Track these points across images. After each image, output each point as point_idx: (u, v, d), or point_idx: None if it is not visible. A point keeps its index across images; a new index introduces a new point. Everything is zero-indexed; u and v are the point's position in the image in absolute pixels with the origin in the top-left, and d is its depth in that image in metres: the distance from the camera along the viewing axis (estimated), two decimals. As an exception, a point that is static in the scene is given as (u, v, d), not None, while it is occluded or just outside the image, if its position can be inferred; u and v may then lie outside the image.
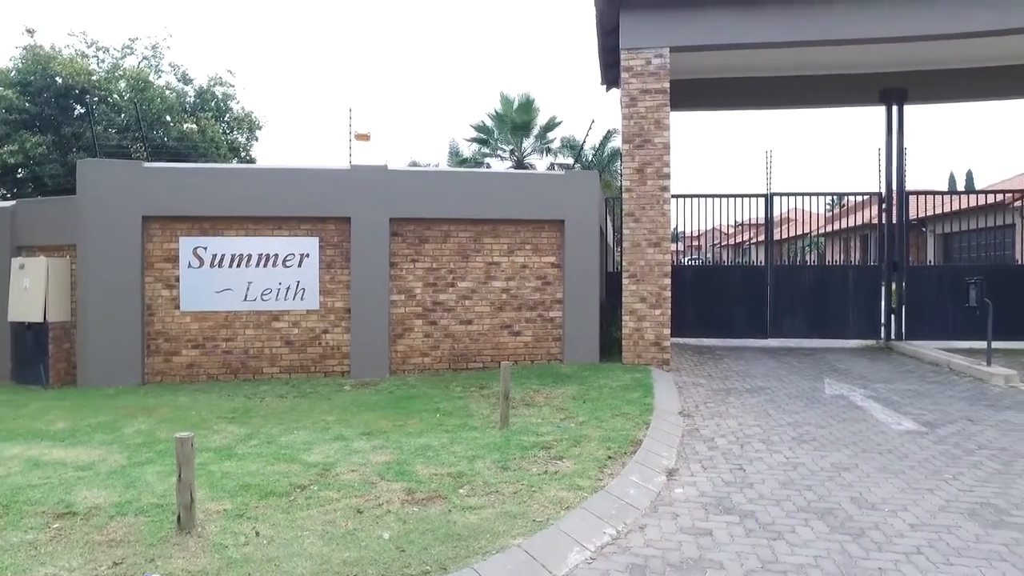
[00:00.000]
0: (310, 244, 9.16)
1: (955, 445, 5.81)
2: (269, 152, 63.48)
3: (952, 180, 44.36)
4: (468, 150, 19.75)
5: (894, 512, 4.28)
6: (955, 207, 17.19)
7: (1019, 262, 14.94)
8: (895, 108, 12.26)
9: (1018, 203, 15.21)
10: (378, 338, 9.14)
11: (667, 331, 9.46)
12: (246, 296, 9.03)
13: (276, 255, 9.08)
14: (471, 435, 5.82)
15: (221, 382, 8.90)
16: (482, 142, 19.52)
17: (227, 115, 23.98)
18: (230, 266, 9.00)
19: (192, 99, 22.43)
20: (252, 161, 24.58)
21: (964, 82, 12.14)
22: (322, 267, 9.17)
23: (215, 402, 7.61)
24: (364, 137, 10.91)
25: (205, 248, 8.97)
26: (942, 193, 15.10)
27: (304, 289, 9.13)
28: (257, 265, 9.04)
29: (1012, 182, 21.53)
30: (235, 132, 24.67)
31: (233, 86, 24.90)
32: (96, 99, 17.45)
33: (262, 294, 9.05)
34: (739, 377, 9.12)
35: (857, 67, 11.79)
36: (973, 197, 16.78)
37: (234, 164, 19.16)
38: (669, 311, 9.49)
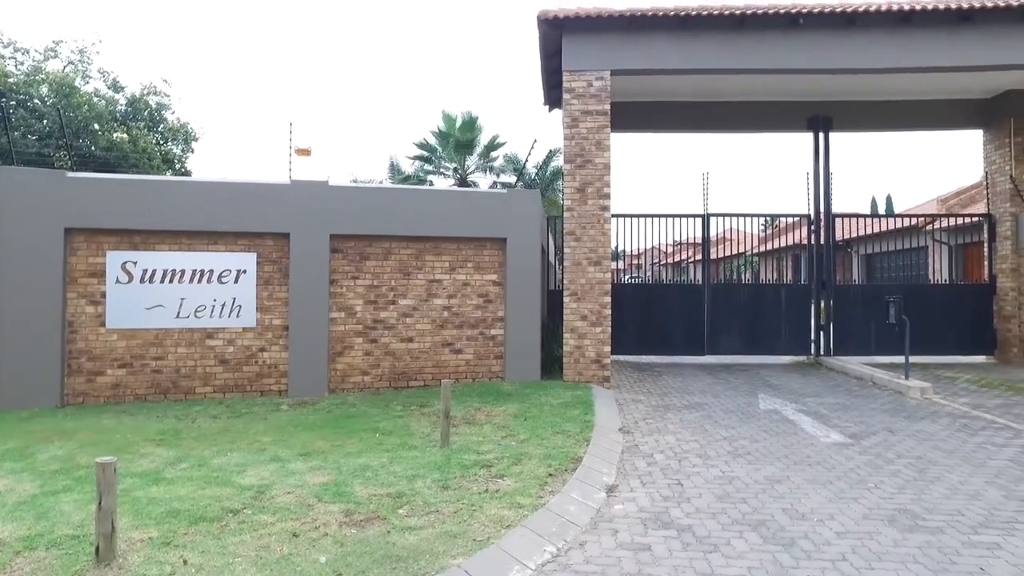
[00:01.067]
0: (247, 260, 8.91)
1: (877, 455, 6.08)
2: (206, 165, 61.75)
3: (874, 204, 46.83)
4: (411, 167, 19.67)
5: (822, 521, 4.44)
6: (876, 229, 18.16)
7: (932, 281, 15.85)
8: (822, 135, 12.90)
9: (929, 227, 16.17)
10: (317, 356, 8.95)
11: (607, 348, 9.60)
12: (179, 313, 8.70)
13: (212, 271, 8.79)
14: (411, 454, 5.74)
15: (150, 403, 8.52)
16: (425, 159, 19.47)
17: (161, 125, 23.18)
18: (162, 282, 8.67)
19: (123, 107, 21.61)
20: (187, 173, 23.80)
21: (882, 113, 12.93)
22: (260, 283, 8.93)
23: (142, 424, 7.27)
24: (305, 152, 10.74)
25: (135, 263, 8.62)
26: (864, 216, 15.94)
27: (241, 306, 8.87)
28: (191, 281, 8.73)
29: (925, 207, 22.94)
30: (170, 143, 23.86)
31: (168, 96, 24.10)
32: (13, 103, 16.59)
33: (196, 311, 8.74)
34: (677, 393, 9.32)
35: (787, 95, 12.41)
36: (891, 220, 17.80)
37: (168, 176, 18.52)
38: (609, 329, 9.64)
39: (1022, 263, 12.44)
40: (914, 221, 16.73)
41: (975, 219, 14.15)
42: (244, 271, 8.87)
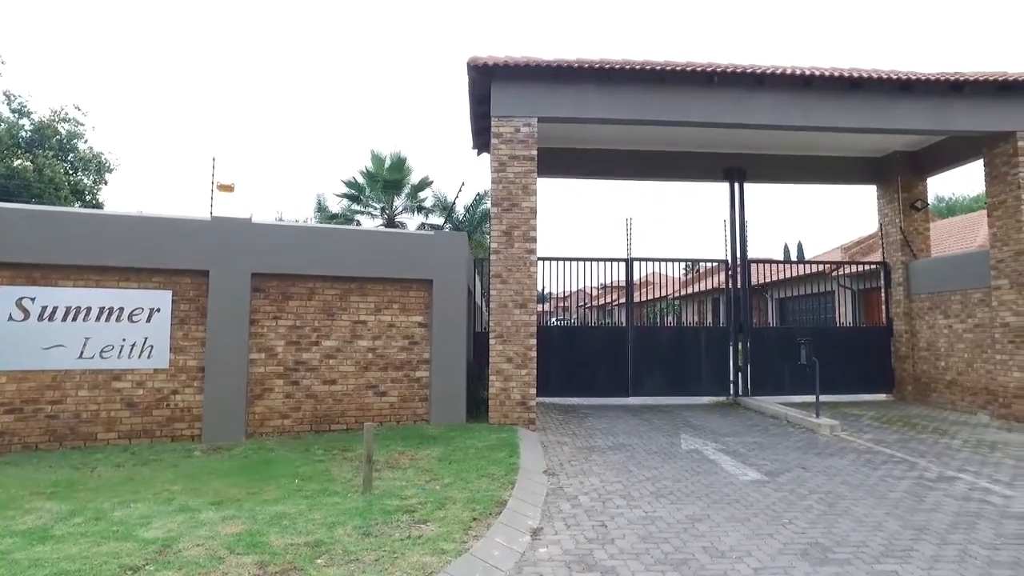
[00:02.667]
0: (162, 298, 8.50)
1: (791, 491, 6.32)
2: (122, 198, 58.93)
3: (787, 251, 49.64)
4: (338, 206, 19.43)
5: (740, 558, 4.55)
6: (788, 275, 19.18)
7: (838, 324, 16.81)
8: (737, 185, 13.65)
9: (834, 273, 17.25)
10: (234, 399, 8.56)
11: (533, 391, 9.63)
12: (82, 353, 8.15)
13: (122, 308, 8.32)
14: (331, 500, 5.53)
15: (43, 451, 7.87)
16: (353, 198, 19.28)
17: (72, 154, 22.08)
18: (64, 320, 8.11)
19: (28, 133, 20.49)
20: (99, 206, 22.65)
21: (790, 167, 13.86)
22: (174, 323, 8.52)
23: (31, 475, 6.69)
24: (228, 188, 10.45)
25: (33, 299, 8.04)
26: (777, 262, 16.82)
27: (152, 346, 8.41)
28: (98, 319, 8.22)
29: (831, 254, 24.47)
30: (80, 173, 22.70)
31: (82, 124, 23.01)
32: None
33: (102, 351, 8.21)
34: (602, 435, 9.42)
35: (705, 147, 13.13)
36: (801, 267, 18.87)
37: (76, 208, 17.55)
38: (535, 371, 9.69)
39: (913, 308, 13.41)
40: (821, 267, 17.79)
41: (873, 266, 15.19)
42: (158, 309, 8.45)
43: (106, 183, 23.84)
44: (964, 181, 64.08)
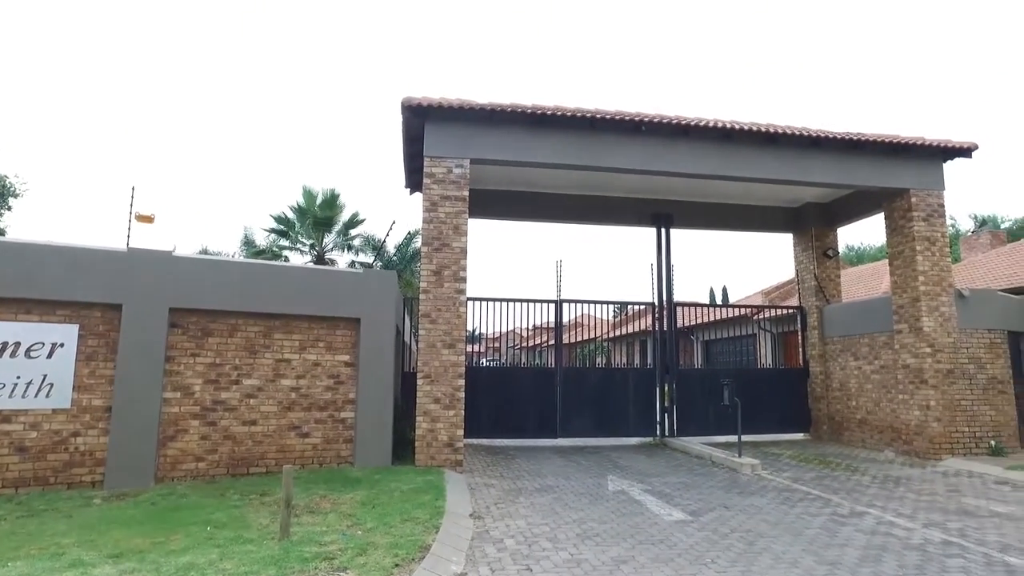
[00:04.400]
0: (67, 332, 7.97)
1: (714, 531, 6.42)
2: (30, 226, 55.55)
3: (712, 294, 51.42)
4: (266, 241, 18.92)
5: (662, 600, 4.56)
6: (713, 318, 19.84)
7: (760, 366, 17.46)
8: (664, 230, 14.12)
9: (756, 316, 17.99)
10: (144, 441, 8.04)
11: (460, 432, 9.50)
12: (-33, 393, 7.49)
13: (18, 343, 7.74)
14: (245, 548, 5.24)
15: (-82, 502, 7.13)
16: (282, 234, 18.85)
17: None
18: (-50, 356, 7.47)
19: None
20: (1, 233, 21.28)
21: (714, 214, 14.48)
22: (80, 359, 7.99)
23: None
24: (147, 219, 10.04)
25: (-82, 334, 7.40)
26: (702, 305, 17.38)
27: (52, 384, 7.83)
28: (-10, 355, 7.61)
29: (753, 298, 25.54)
30: (-22, 199, 21.32)
31: (-14, 148, 21.69)
32: None
33: (-8, 390, 7.58)
34: (530, 477, 9.35)
35: (634, 192, 13.58)
36: (725, 310, 19.58)
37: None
38: (463, 412, 9.58)
39: (827, 350, 14.10)
40: (743, 311, 18.52)
41: (790, 311, 15.94)
42: (61, 345, 7.91)
43: (9, 208, 22.49)
44: (870, 232, 68.57)
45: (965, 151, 11.66)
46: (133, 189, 9.62)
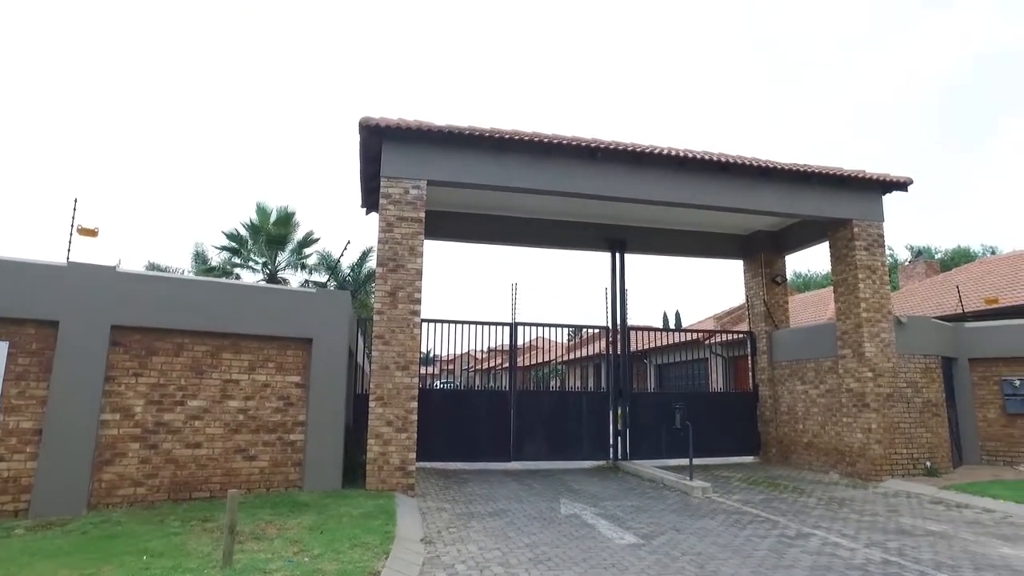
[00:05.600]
0: (-5, 351, 7.58)
1: (665, 554, 6.45)
2: (-39, 239, 53.04)
3: (665, 319, 52.34)
4: (218, 258, 18.48)
5: (612, 624, 4.54)
6: (667, 342, 20.14)
7: (711, 389, 17.77)
8: (618, 255, 14.32)
9: (708, 341, 18.34)
10: (77, 466, 7.66)
11: (413, 455, 9.37)
12: None
13: (-59, 363, 7.33)
14: (183, 579, 5.02)
15: None
16: (234, 251, 18.43)
17: None
18: None
19: None
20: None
21: (667, 240, 14.78)
22: (9, 378, 7.59)
23: None
24: (90, 232, 9.67)
25: None
26: (656, 329, 17.66)
27: (-23, 406, 7.41)
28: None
29: (705, 323, 26.05)
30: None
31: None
32: None
33: (-87, 412, 7.13)
34: (482, 500, 9.26)
35: (589, 217, 13.76)
36: (678, 334, 19.91)
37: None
38: (415, 435, 9.45)
39: (776, 374, 14.45)
40: (695, 336, 18.86)
41: (741, 335, 16.31)
42: (-11, 364, 7.52)
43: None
44: (817, 259, 70.98)
45: (901, 185, 12.23)
46: (76, 201, 9.29)
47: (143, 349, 8.35)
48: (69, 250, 8.98)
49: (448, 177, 10.30)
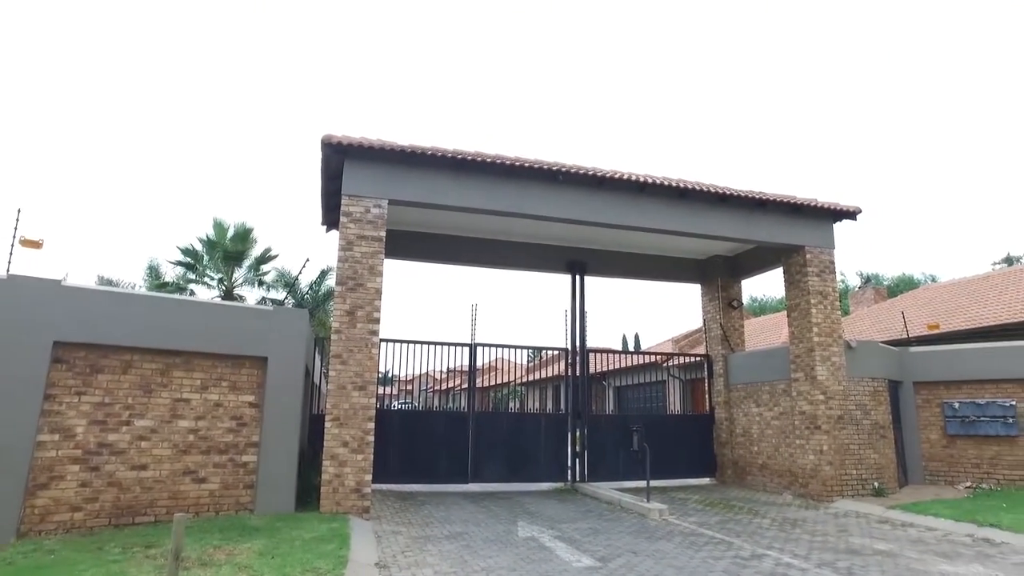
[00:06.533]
0: (-78, 367, 7.18)
1: (621, 577, 6.45)
2: None
3: (625, 341, 52.78)
4: (172, 273, 17.98)
5: (568, 648, 4.50)
6: (625, 364, 20.33)
7: (669, 412, 17.96)
8: (578, 278, 14.44)
9: (666, 363, 18.57)
10: (7, 491, 7.27)
11: (368, 477, 9.20)
12: None
13: None
14: (122, 608, 4.80)
15: None
16: (189, 267, 17.95)
17: None
18: None
19: None
20: None
21: (627, 263, 14.98)
22: (-63, 397, 7.21)
23: None
24: (34, 244, 9.32)
25: None
26: (614, 352, 17.80)
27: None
28: None
29: (663, 346, 26.38)
30: None
31: None
32: None
33: None
34: (439, 523, 9.13)
35: (550, 240, 13.88)
36: (637, 357, 20.11)
37: None
38: (372, 456, 9.29)
39: (732, 397, 14.70)
40: (654, 358, 19.09)
41: (698, 358, 16.56)
42: (-82, 382, 7.12)
43: None
44: (772, 285, 72.86)
45: (851, 214, 12.69)
46: (19, 211, 8.95)
47: (88, 367, 8.05)
48: (10, 262, 8.64)
49: (410, 197, 10.28)
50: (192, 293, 17.97)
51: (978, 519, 9.08)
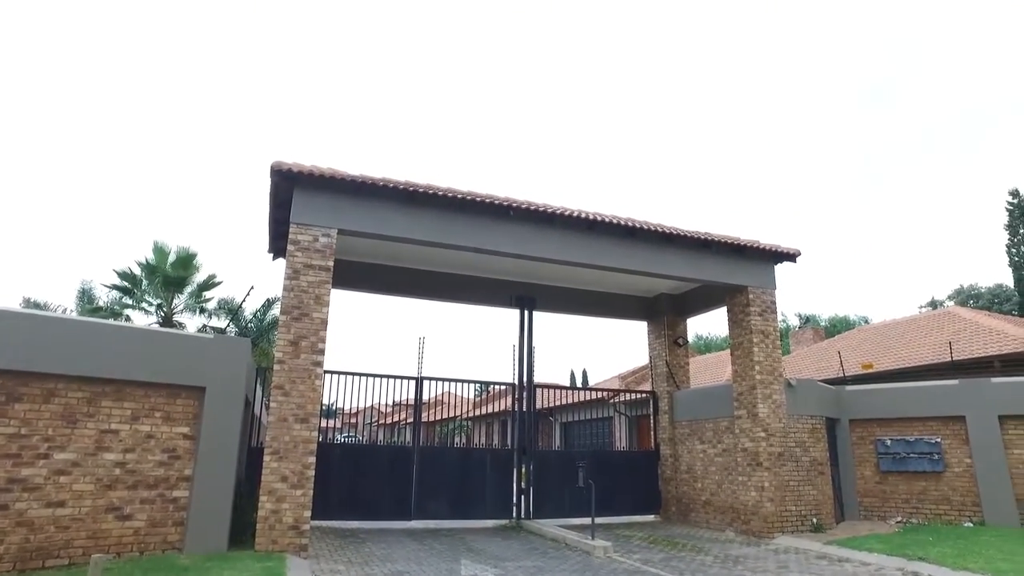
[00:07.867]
0: None
1: (564, 617, 6.34)
2: None
3: (573, 377, 52.98)
4: (107, 297, 17.24)
5: None
6: (573, 400, 20.39)
7: (615, 448, 18.02)
8: (526, 313, 14.47)
9: (613, 399, 18.72)
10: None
11: (307, 513, 8.86)
12: None
13: None
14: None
15: None
16: (126, 291, 17.25)
17: None
18: None
19: None
20: None
21: (576, 300, 15.14)
22: None
23: None
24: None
25: None
26: (562, 387, 17.85)
27: None
28: None
29: (610, 382, 26.58)
30: None
31: None
32: None
33: None
34: (379, 562, 8.85)
35: (500, 274, 13.91)
36: (583, 393, 20.21)
37: None
38: (311, 492, 8.97)
39: (676, 433, 14.86)
40: (601, 394, 19.21)
41: (644, 395, 16.73)
42: None
43: None
44: (717, 323, 74.66)
45: (791, 256, 13.19)
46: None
47: (3, 395, 7.54)
48: (-72, 283, 8.13)
49: (360, 227, 10.18)
50: (128, 319, 17.27)
51: (908, 553, 9.36)
